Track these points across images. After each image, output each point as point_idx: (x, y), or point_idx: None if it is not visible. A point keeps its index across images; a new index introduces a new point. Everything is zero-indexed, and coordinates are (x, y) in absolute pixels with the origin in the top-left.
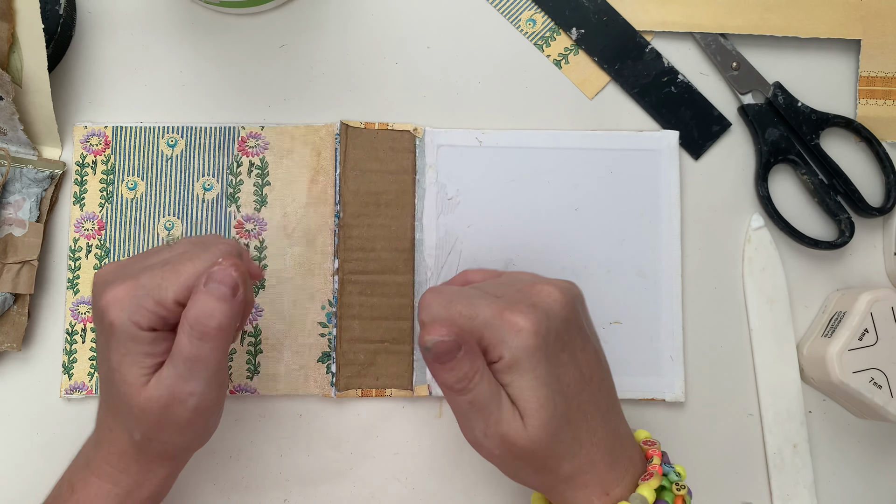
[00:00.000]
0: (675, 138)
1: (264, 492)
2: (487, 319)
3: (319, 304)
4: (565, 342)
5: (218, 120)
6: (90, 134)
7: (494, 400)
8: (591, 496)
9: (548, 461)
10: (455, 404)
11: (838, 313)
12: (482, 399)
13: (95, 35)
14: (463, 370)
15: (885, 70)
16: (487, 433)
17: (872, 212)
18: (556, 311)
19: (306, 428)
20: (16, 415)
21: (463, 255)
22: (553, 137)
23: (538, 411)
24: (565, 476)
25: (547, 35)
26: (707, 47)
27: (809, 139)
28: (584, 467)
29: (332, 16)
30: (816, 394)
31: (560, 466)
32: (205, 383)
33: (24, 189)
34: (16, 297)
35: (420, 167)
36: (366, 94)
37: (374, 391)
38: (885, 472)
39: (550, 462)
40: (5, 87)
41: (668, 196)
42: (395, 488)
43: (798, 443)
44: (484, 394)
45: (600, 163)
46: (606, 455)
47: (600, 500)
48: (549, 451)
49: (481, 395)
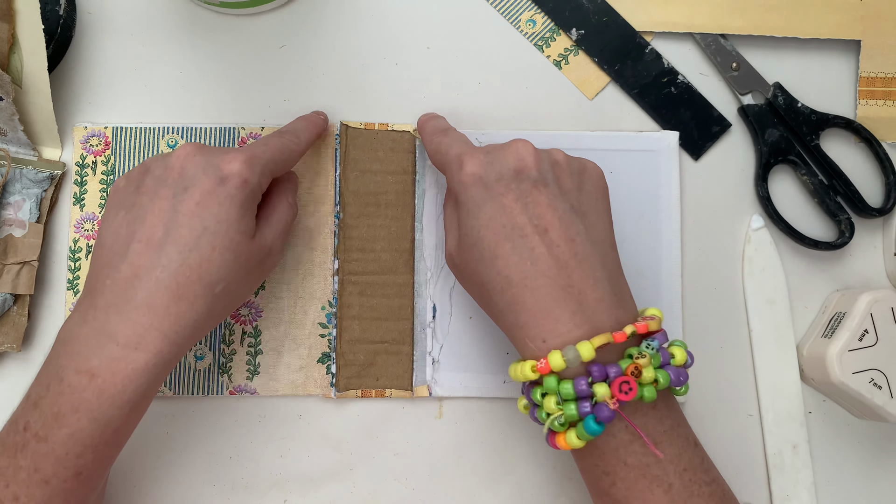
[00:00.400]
0: (674, 139)
1: (264, 492)
2: (451, 158)
3: (319, 305)
4: (512, 189)
5: (218, 120)
6: (90, 134)
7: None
8: (525, 338)
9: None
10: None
11: (838, 314)
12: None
13: (95, 35)
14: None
15: (885, 70)
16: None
17: (872, 212)
18: (509, 161)
19: (306, 428)
20: None
21: None
22: (552, 138)
23: (453, 233)
24: (499, 309)
25: (547, 36)
26: (707, 48)
27: (809, 139)
28: (514, 306)
29: (332, 16)
30: (816, 394)
31: (491, 298)
32: (284, 240)
33: (24, 189)
34: (16, 297)
35: (420, 168)
36: (366, 94)
37: (374, 392)
38: (885, 473)
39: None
40: (5, 88)
41: (668, 196)
42: (395, 488)
43: (798, 443)
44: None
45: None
46: (548, 303)
47: (534, 343)
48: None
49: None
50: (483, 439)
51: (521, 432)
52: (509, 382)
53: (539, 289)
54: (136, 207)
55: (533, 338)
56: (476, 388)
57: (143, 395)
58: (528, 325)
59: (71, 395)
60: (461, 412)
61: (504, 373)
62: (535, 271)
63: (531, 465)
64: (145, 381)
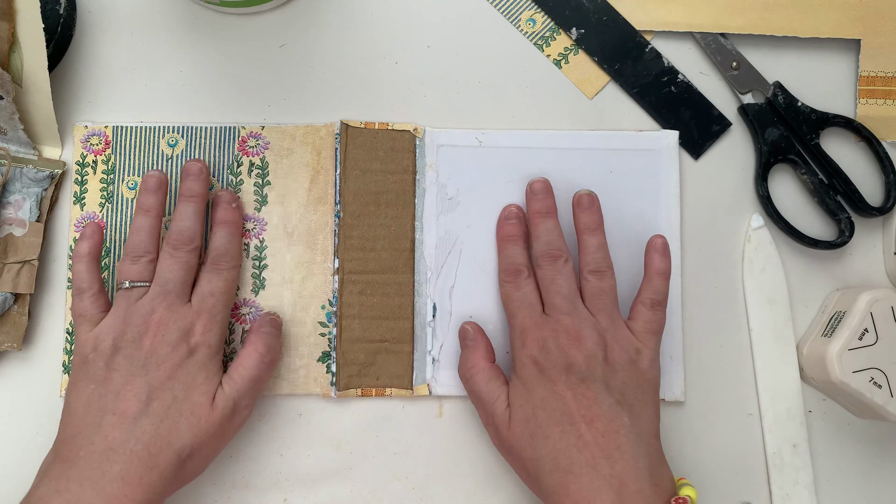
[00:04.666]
0: (674, 138)
1: (264, 492)
2: (514, 325)
3: (319, 304)
4: (563, 380)
5: (218, 120)
6: (90, 134)
7: (488, 394)
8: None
9: (527, 464)
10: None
11: (838, 313)
12: (478, 390)
13: (95, 35)
14: (466, 358)
15: (884, 70)
16: (487, 423)
17: (872, 211)
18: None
19: (306, 428)
20: (16, 415)
21: (463, 254)
22: (553, 137)
23: (519, 407)
24: (544, 488)
25: (547, 35)
26: (707, 47)
27: (809, 139)
28: (559, 489)
29: (332, 16)
30: (816, 394)
31: (539, 476)
32: (255, 400)
33: (25, 189)
34: (16, 296)
35: (420, 167)
36: (366, 94)
37: (374, 391)
38: (885, 472)
39: (530, 466)
40: (5, 87)
41: (668, 196)
42: (395, 488)
43: (798, 442)
44: (479, 385)
45: (600, 163)
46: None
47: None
48: (526, 451)
49: (476, 387)
50: (483, 439)
51: None
52: None
53: (583, 476)
54: (109, 383)
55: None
56: None
57: None
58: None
59: None
60: (461, 411)
61: (504, 371)
62: (580, 459)
63: None
64: None
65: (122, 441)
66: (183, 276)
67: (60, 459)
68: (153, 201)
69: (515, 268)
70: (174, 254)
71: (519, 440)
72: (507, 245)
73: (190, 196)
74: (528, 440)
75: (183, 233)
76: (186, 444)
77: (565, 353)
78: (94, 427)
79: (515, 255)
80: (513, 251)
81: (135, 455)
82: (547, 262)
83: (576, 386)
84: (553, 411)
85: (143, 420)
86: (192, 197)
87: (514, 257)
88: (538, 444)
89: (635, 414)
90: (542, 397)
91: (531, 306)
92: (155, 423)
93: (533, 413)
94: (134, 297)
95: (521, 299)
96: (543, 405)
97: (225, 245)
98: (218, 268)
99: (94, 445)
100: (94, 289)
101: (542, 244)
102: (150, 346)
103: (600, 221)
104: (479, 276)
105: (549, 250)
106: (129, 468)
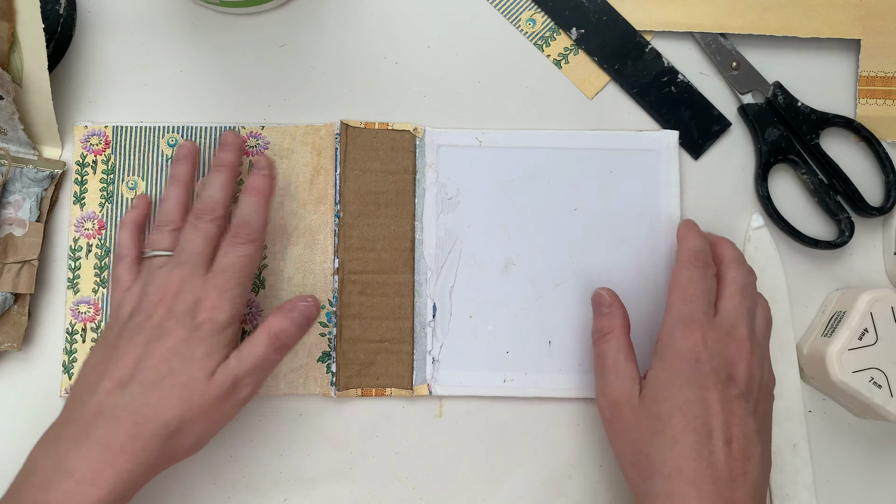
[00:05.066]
0: (674, 138)
1: (264, 492)
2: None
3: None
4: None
5: (218, 120)
6: (90, 133)
7: (615, 364)
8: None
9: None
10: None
11: (838, 313)
12: (608, 358)
13: (95, 35)
14: (601, 323)
15: (884, 70)
16: (603, 391)
17: (872, 211)
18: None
19: (306, 428)
20: (16, 415)
21: (463, 254)
22: (553, 137)
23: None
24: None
25: (547, 35)
26: (707, 47)
27: (809, 139)
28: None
29: (332, 15)
30: (816, 393)
31: (651, 475)
32: (259, 382)
33: (25, 189)
34: (16, 296)
35: (420, 167)
36: (366, 94)
37: (374, 391)
38: (885, 472)
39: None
40: (5, 87)
41: (668, 196)
42: (395, 488)
43: (797, 442)
44: (607, 354)
45: (600, 163)
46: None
47: None
48: (645, 445)
49: (604, 353)
50: (483, 439)
51: (521, 432)
52: (509, 381)
53: (705, 492)
54: (115, 349)
55: None
56: (476, 387)
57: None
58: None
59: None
60: (461, 411)
61: (504, 371)
62: (707, 475)
63: (531, 464)
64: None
65: (111, 406)
66: (201, 247)
67: (58, 421)
68: (181, 171)
69: (705, 258)
70: (195, 224)
71: (640, 430)
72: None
73: (220, 166)
74: (652, 435)
75: (206, 203)
76: (174, 418)
77: (730, 364)
78: (91, 391)
79: (704, 247)
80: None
81: (120, 422)
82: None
83: (729, 400)
84: (694, 418)
85: (133, 387)
86: (221, 167)
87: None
88: (664, 444)
89: (765, 447)
90: (687, 399)
91: (710, 302)
92: (144, 392)
93: (670, 412)
94: (155, 266)
95: (705, 289)
96: (687, 408)
97: (248, 215)
98: (236, 240)
99: (86, 408)
100: (131, 256)
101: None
102: (159, 317)
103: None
104: (479, 275)
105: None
106: (112, 434)
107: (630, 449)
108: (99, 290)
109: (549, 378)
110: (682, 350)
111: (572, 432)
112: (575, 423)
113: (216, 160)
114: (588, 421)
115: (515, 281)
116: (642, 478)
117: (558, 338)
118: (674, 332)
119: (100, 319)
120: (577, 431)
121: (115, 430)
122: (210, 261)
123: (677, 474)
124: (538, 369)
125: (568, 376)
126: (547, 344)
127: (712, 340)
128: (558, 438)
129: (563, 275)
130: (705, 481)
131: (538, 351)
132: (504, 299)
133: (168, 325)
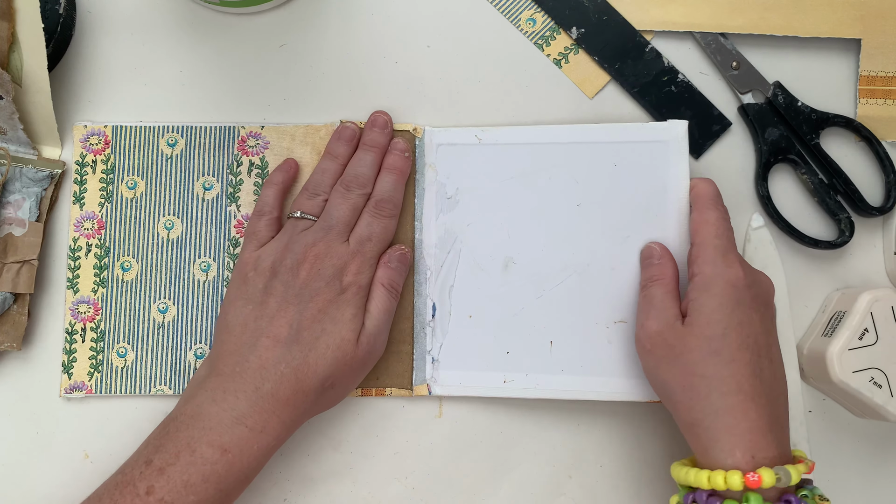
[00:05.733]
0: (683, 128)
1: (264, 492)
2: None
3: None
4: (762, 312)
5: (218, 119)
6: (90, 133)
7: (662, 302)
8: (735, 448)
9: (697, 379)
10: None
11: (838, 313)
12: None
13: (95, 35)
14: (651, 272)
15: (885, 70)
16: (645, 324)
17: (872, 211)
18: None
19: (306, 427)
20: (16, 414)
21: (463, 253)
22: (554, 132)
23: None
24: (714, 410)
25: (547, 34)
26: (707, 47)
27: (809, 139)
28: (736, 412)
29: (332, 15)
30: (816, 393)
31: (710, 395)
32: (387, 334)
33: (24, 188)
34: (16, 296)
35: (420, 167)
36: (366, 94)
37: (374, 391)
38: (885, 472)
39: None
40: (5, 87)
41: (677, 189)
42: (395, 488)
43: (798, 442)
44: (655, 295)
45: (603, 156)
46: (768, 422)
47: (742, 456)
48: (700, 366)
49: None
50: (483, 439)
51: (521, 432)
52: (509, 381)
53: (764, 405)
54: (265, 306)
55: (743, 450)
56: (476, 386)
57: (258, 471)
58: (743, 435)
59: (203, 465)
60: (461, 411)
61: (504, 371)
62: (763, 389)
63: (531, 464)
64: (264, 460)
65: (274, 363)
66: (347, 216)
67: (216, 373)
68: (343, 150)
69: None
70: (345, 194)
71: (693, 352)
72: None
73: (371, 146)
74: (707, 355)
75: (357, 177)
76: (330, 375)
77: (767, 292)
78: (250, 346)
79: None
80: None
81: (284, 377)
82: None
83: (770, 321)
84: (747, 337)
85: (294, 347)
86: (372, 147)
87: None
88: (721, 363)
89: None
90: (740, 321)
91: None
92: (304, 351)
93: (724, 332)
94: (300, 228)
95: (730, 227)
96: (740, 328)
97: (389, 191)
98: (380, 213)
99: (248, 363)
100: (274, 214)
101: None
102: (306, 278)
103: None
104: (479, 275)
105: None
106: (279, 388)
107: (682, 372)
108: (98, 289)
109: (551, 379)
110: (730, 277)
111: (572, 432)
112: (575, 424)
113: (366, 139)
114: (588, 421)
115: (516, 280)
116: (698, 398)
117: (560, 338)
118: (716, 262)
119: (99, 319)
120: (577, 431)
121: (281, 385)
122: (350, 230)
123: (737, 390)
124: (539, 370)
125: (569, 377)
126: (548, 344)
127: (748, 269)
128: (558, 438)
129: (565, 273)
130: (761, 396)
131: (539, 351)
132: (504, 299)
133: (316, 286)
